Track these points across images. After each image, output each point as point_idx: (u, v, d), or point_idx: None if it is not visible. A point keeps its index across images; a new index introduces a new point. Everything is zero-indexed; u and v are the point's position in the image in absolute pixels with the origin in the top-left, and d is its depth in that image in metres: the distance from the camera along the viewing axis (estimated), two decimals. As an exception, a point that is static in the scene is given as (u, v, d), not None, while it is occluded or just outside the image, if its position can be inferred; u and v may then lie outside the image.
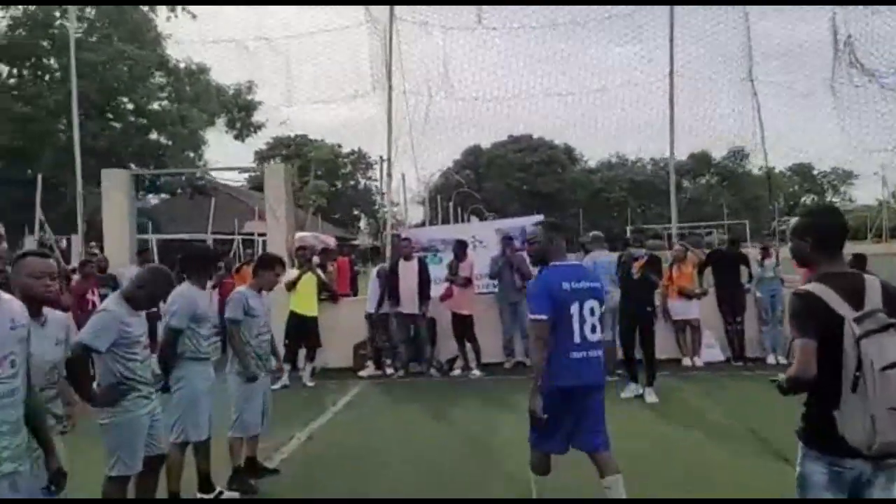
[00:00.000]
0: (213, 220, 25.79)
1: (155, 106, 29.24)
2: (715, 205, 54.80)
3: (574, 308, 3.65)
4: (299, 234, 18.00)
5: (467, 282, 8.89)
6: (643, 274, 7.42)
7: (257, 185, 40.72)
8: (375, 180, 58.95)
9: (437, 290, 9.31)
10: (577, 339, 3.67)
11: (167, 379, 4.36)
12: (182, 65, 30.25)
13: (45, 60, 27.41)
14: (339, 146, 57.26)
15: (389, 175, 10.02)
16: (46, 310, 3.07)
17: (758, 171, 55.97)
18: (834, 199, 73.86)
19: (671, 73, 10.49)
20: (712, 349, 9.13)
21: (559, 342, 3.63)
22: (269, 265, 5.04)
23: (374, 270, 9.45)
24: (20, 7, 26.70)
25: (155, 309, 4.76)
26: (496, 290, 9.43)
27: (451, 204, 32.52)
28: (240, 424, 4.81)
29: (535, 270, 4.38)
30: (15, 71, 28.04)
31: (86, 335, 3.58)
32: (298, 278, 8.56)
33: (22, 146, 25.15)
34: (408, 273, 8.79)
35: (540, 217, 10.37)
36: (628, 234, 8.58)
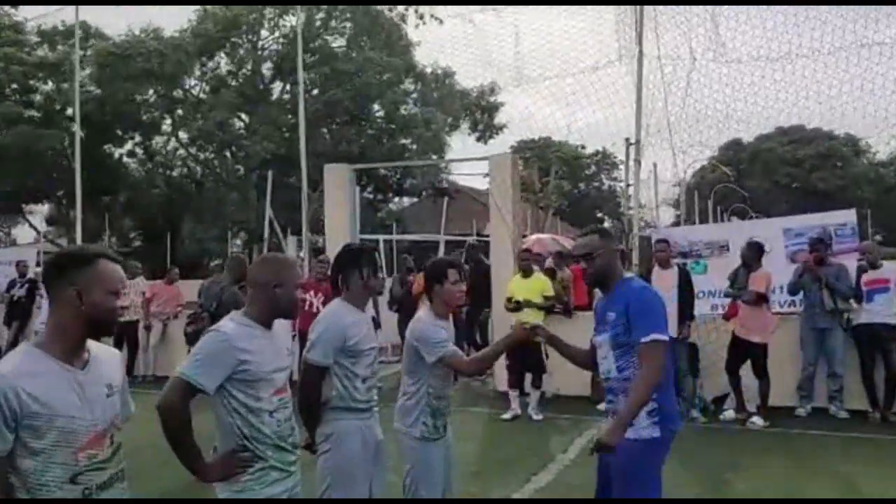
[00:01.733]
0: (454, 221, 25.53)
1: (402, 111, 30.12)
2: None
3: None
4: (535, 236, 16.64)
5: (760, 299, 6.65)
6: None
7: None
8: (620, 181, 56.17)
9: (699, 307, 7.24)
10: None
11: (312, 436, 3.08)
12: (429, 69, 30.99)
13: (307, 74, 29.48)
14: (583, 147, 55.40)
15: (637, 161, 8.06)
16: None
17: None
18: None
19: None
20: None
21: (669, 374, 3.02)
22: (438, 275, 3.39)
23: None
24: (288, 25, 29.06)
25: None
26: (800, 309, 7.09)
27: (709, 202, 28.90)
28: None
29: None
30: (287, 87, 30.67)
31: (187, 364, 2.41)
32: (518, 305, 7.07)
33: (287, 153, 27.26)
34: (664, 284, 6.75)
35: (851, 213, 7.75)
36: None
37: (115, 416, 2.03)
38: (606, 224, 60.93)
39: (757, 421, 6.53)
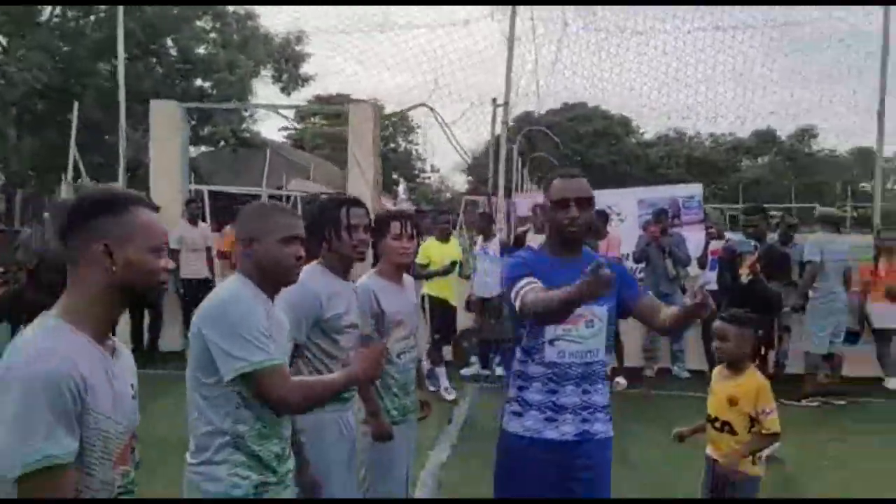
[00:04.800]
0: (253, 174, 24.06)
1: (200, 50, 27.55)
2: (778, 186, 51.63)
3: None
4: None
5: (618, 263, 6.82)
6: (756, 278, 4.82)
7: (298, 143, 38.88)
8: (416, 144, 56.92)
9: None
10: None
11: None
12: (230, 8, 28.65)
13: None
14: (383, 106, 55.32)
15: (505, 123, 7.91)
16: None
17: (827, 152, 53.01)
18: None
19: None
20: (927, 369, 7.01)
21: None
22: (382, 227, 2.87)
23: (480, 247, 7.44)
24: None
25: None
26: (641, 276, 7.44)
27: (525, 171, 30.10)
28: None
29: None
30: (58, 10, 26.40)
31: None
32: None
33: (63, 86, 23.58)
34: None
35: (697, 187, 8.29)
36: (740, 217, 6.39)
37: (135, 425, 1.55)
38: (401, 186, 61.55)
39: (621, 381, 6.80)
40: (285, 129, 51.25)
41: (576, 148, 55.34)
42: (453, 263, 6.73)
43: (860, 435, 5.62)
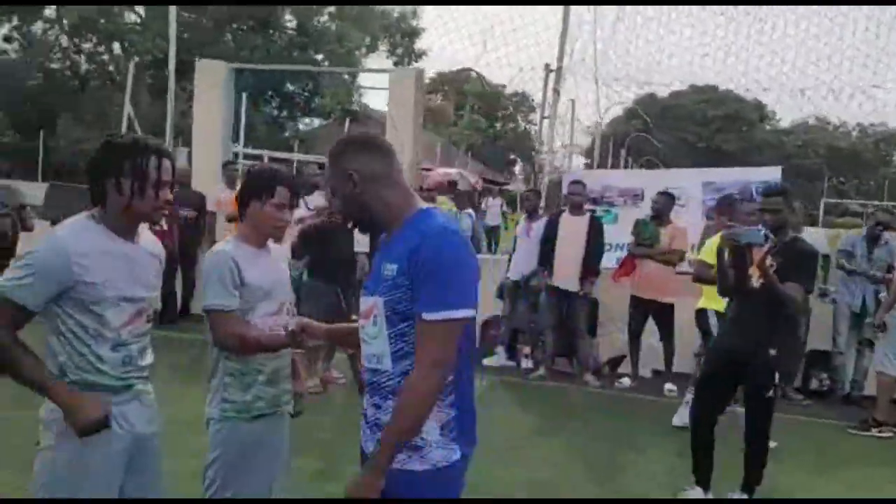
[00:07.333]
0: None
1: (316, 22, 28.13)
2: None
3: None
4: (443, 170, 15.76)
5: (679, 256, 6.03)
6: (769, 279, 3.50)
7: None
8: (536, 124, 55.66)
9: (606, 260, 6.57)
10: None
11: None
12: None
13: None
14: (504, 87, 54.34)
15: (556, 91, 7.17)
16: None
17: None
18: None
19: None
20: None
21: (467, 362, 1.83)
22: (258, 190, 2.37)
23: (521, 224, 6.81)
24: None
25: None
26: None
27: (622, 151, 28.85)
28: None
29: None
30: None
31: None
32: None
33: (185, 57, 24.74)
34: (572, 232, 6.04)
35: (776, 170, 7.19)
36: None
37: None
38: (518, 167, 60.60)
39: (671, 386, 6.01)
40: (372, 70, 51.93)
41: (701, 132, 52.21)
42: None
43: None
